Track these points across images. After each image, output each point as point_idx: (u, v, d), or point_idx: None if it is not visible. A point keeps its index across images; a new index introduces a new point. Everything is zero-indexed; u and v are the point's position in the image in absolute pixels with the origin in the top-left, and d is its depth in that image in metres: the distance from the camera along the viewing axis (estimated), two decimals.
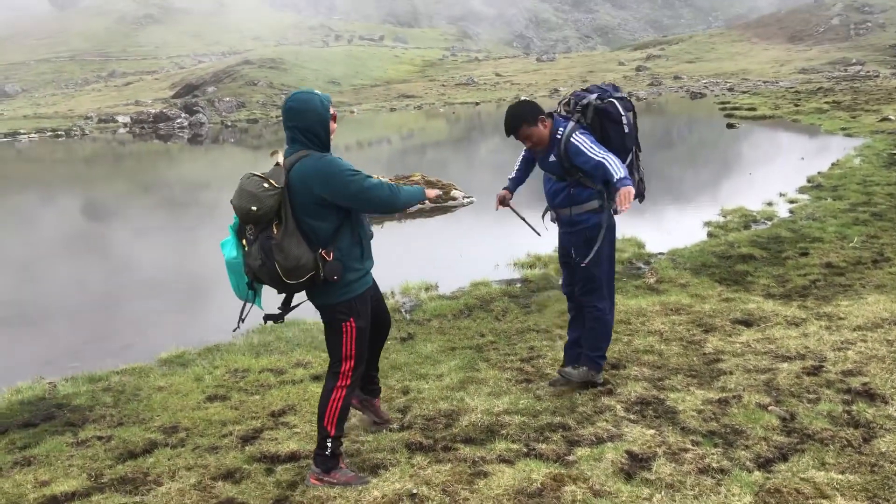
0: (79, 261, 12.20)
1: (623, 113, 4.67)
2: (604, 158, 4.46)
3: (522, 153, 5.18)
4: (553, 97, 54.88)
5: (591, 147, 4.53)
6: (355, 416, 4.78)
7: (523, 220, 5.23)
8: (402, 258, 10.24)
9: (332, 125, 3.84)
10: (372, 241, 4.05)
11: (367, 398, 4.57)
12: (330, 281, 3.72)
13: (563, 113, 4.83)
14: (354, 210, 3.82)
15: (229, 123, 44.63)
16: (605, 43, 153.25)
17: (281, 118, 3.91)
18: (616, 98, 4.73)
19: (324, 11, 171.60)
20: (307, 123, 3.72)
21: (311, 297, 3.92)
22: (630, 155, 4.77)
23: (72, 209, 18.39)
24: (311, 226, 3.69)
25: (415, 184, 15.12)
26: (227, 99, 55.38)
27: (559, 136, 4.65)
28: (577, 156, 4.56)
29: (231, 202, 3.68)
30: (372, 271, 4.06)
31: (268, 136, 37.99)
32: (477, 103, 54.04)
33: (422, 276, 8.91)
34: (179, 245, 13.11)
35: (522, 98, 5.24)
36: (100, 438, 4.79)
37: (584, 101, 4.70)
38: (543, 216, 5.10)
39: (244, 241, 3.75)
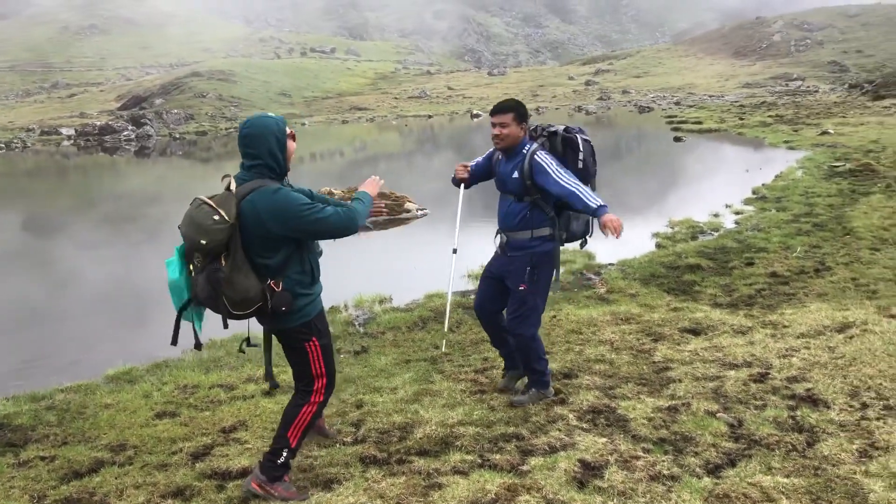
0: (22, 277, 11.85)
1: (582, 150, 4.79)
2: (576, 188, 4.53)
3: (478, 160, 5.19)
4: None
5: (559, 172, 4.58)
6: None
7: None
8: (355, 271, 10.19)
9: (292, 145, 3.78)
10: (321, 257, 4.03)
11: None
12: (279, 312, 3.67)
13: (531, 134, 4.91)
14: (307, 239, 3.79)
15: (177, 136, 43.91)
16: (555, 57, 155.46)
17: (233, 133, 3.85)
18: (581, 137, 4.84)
19: (274, 23, 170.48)
20: (266, 148, 3.64)
21: (264, 323, 3.84)
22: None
23: (14, 224, 17.86)
24: (261, 257, 3.64)
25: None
26: (176, 111, 54.53)
27: (525, 152, 4.70)
28: (540, 174, 4.60)
29: (179, 228, 3.59)
30: (324, 285, 4.04)
31: (217, 148, 37.53)
32: (430, 116, 54.23)
33: (376, 289, 8.89)
34: (126, 260, 12.84)
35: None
36: (43, 458, 4.65)
37: (553, 129, 4.85)
38: (496, 238, 5.11)
39: (191, 267, 3.63)
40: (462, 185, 5.26)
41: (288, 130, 3.75)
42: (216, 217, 3.47)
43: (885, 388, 4.81)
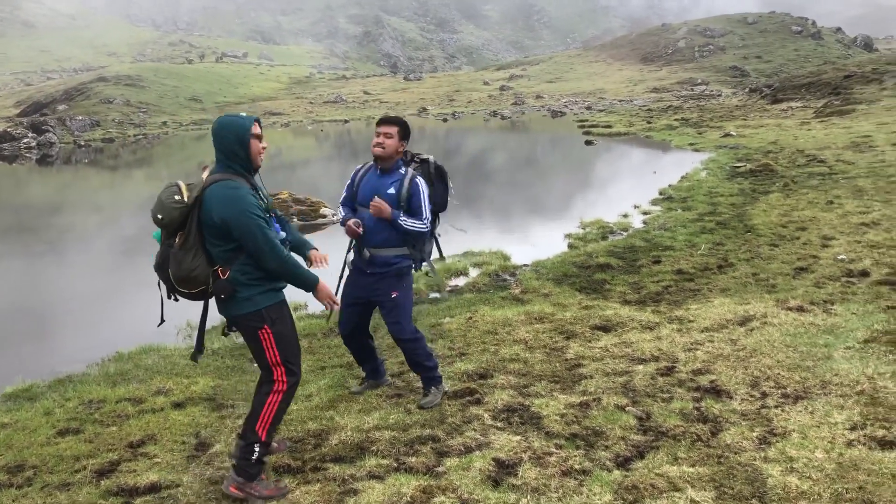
0: None
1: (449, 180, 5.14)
2: (425, 217, 4.83)
3: (347, 189, 5.11)
4: (422, 115, 55.59)
5: (426, 203, 4.85)
6: (219, 442, 4.63)
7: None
8: None
9: (259, 145, 3.87)
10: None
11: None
12: (218, 297, 3.82)
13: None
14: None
15: (82, 143, 42.23)
16: (470, 63, 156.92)
17: (141, 139, 3.86)
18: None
19: (184, 27, 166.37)
20: (225, 144, 3.80)
21: (219, 309, 3.94)
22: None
23: None
24: (213, 243, 3.77)
25: (282, 202, 14.89)
26: (80, 117, 52.44)
27: (403, 172, 4.86)
28: (416, 196, 4.80)
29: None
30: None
31: (125, 155, 36.35)
32: (346, 121, 53.88)
33: (290, 296, 8.72)
34: (25, 272, 12.26)
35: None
36: None
37: (423, 157, 5.05)
38: (347, 255, 5.13)
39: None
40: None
41: (255, 130, 3.85)
42: (177, 197, 3.72)
43: (783, 377, 5.04)
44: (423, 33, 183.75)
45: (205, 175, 3.85)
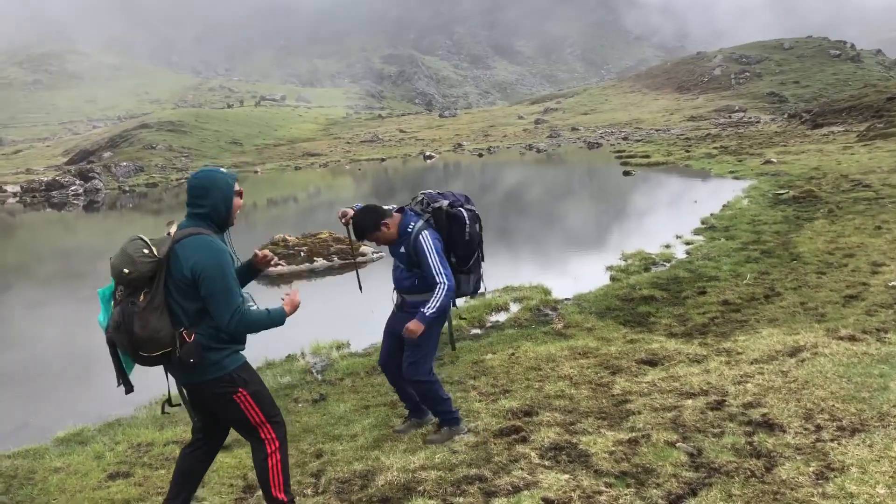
0: None
1: (468, 223, 4.98)
2: (440, 280, 4.73)
3: None
4: (458, 151, 55.96)
5: (433, 255, 4.78)
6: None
7: (357, 272, 5.68)
8: (311, 316, 10.07)
9: (238, 202, 3.82)
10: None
11: None
12: (186, 363, 3.57)
13: (416, 209, 5.04)
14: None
15: (127, 189, 43.34)
16: (504, 98, 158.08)
17: (184, 183, 3.82)
18: (465, 209, 5.03)
19: (223, 73, 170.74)
20: (211, 202, 3.70)
21: (177, 376, 3.76)
22: (473, 258, 5.10)
23: None
24: (178, 303, 3.59)
25: (322, 242, 15.05)
26: (125, 164, 53.90)
27: (410, 230, 4.89)
28: (422, 258, 4.81)
29: (110, 260, 3.64)
30: (279, 332, 3.97)
31: (168, 199, 37.12)
32: (383, 160, 54.42)
33: (333, 335, 8.81)
34: (74, 317, 12.51)
35: (367, 204, 5.45)
36: None
37: (437, 205, 5.00)
38: (393, 295, 5.27)
39: (113, 303, 3.68)
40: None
41: (236, 187, 3.80)
42: (146, 251, 3.55)
43: (838, 409, 4.89)
44: (456, 70, 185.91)
45: (172, 230, 3.71)
